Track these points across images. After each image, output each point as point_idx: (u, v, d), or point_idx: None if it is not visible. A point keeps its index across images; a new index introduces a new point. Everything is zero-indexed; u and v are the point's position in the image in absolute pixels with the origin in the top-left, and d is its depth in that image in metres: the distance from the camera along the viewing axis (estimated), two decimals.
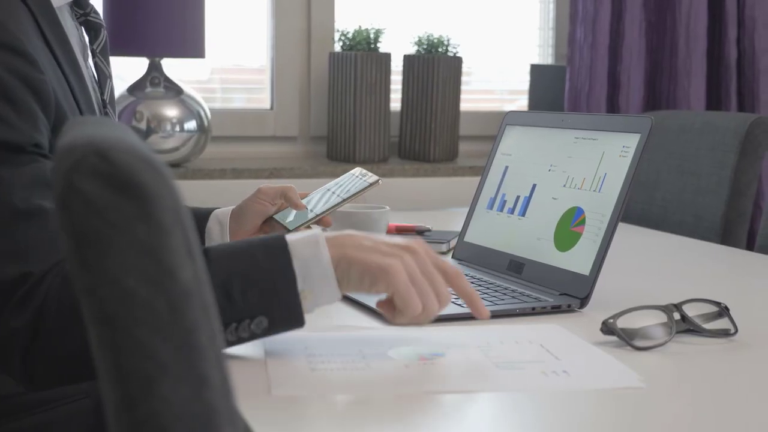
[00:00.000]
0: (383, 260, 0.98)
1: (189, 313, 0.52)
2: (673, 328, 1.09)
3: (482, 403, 0.91)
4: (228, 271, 0.96)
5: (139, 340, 0.51)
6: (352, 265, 0.98)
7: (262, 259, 0.98)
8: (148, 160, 0.52)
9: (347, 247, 0.99)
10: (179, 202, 0.54)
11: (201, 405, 0.53)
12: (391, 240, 1.02)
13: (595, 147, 1.35)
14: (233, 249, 1.01)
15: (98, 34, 1.37)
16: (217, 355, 0.54)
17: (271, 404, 0.87)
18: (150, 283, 0.51)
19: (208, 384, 0.53)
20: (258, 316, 0.97)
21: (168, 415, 0.52)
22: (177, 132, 2.43)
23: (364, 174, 1.53)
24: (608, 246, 1.27)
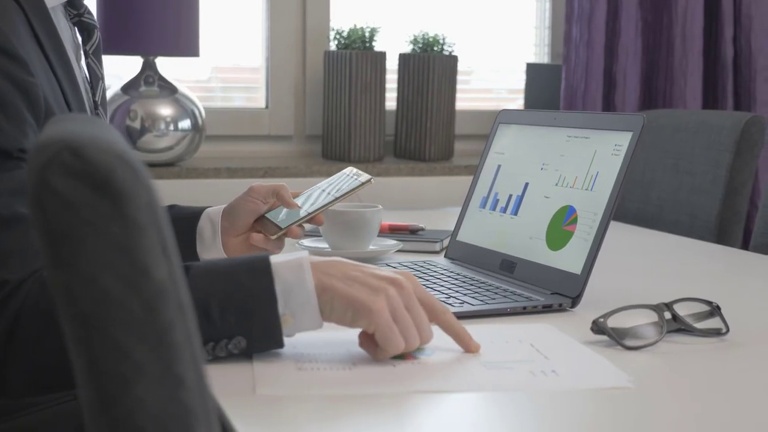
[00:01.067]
0: (367, 297, 0.96)
1: (164, 312, 0.52)
2: (663, 328, 1.09)
3: (469, 403, 0.91)
4: (207, 290, 0.95)
5: (113, 340, 0.51)
6: (335, 298, 0.97)
7: (244, 280, 0.97)
8: (123, 157, 0.52)
9: (333, 277, 0.98)
10: (155, 200, 0.53)
11: (176, 405, 0.52)
12: (379, 272, 1.00)
13: (588, 145, 1.34)
14: (215, 267, 0.99)
15: (91, 35, 1.36)
16: (194, 355, 0.53)
17: (255, 404, 0.86)
18: (124, 282, 0.51)
19: (184, 384, 0.52)
20: (236, 336, 0.96)
21: (143, 416, 0.51)
22: (171, 131, 2.42)
23: (357, 173, 1.52)
24: (600, 245, 1.26)
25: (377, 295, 0.96)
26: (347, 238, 1.54)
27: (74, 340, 0.52)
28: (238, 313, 0.95)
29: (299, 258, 0.98)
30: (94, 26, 1.36)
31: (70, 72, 1.26)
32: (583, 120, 1.38)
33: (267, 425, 0.83)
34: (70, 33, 1.35)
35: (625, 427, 0.86)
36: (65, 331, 0.54)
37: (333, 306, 0.97)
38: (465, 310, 1.20)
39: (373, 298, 0.96)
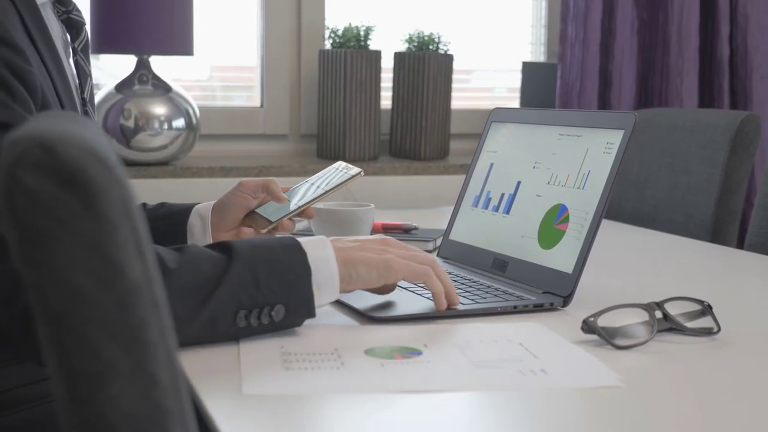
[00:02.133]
0: (382, 257, 1.13)
1: (138, 310, 0.51)
2: (654, 327, 1.08)
3: (458, 403, 0.90)
4: (256, 260, 1.04)
5: (86, 338, 0.50)
6: (358, 265, 1.11)
7: (282, 254, 1.06)
8: (95, 153, 0.51)
9: (347, 249, 1.12)
10: (129, 197, 0.52)
11: (150, 404, 0.51)
12: (369, 238, 1.17)
13: (580, 144, 1.34)
14: (254, 243, 1.08)
15: (80, 33, 1.36)
16: (169, 354, 0.53)
17: (242, 403, 0.86)
18: (97, 279, 0.50)
19: (158, 383, 0.51)
20: (278, 304, 1.04)
21: (116, 415, 0.50)
22: (165, 130, 2.41)
23: (347, 167, 1.52)
24: (591, 244, 1.25)
25: (386, 253, 1.14)
26: (340, 236, 1.53)
27: (46, 338, 0.51)
28: (281, 282, 1.04)
29: (320, 237, 1.12)
30: (83, 23, 1.36)
31: (60, 68, 1.26)
32: (576, 118, 1.37)
33: (253, 425, 0.82)
34: (60, 30, 1.34)
35: (613, 426, 0.85)
36: (39, 329, 0.53)
37: (358, 272, 1.11)
38: (456, 309, 1.19)
39: (385, 257, 1.13)
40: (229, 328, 1.02)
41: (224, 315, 1.01)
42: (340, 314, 1.18)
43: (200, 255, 1.03)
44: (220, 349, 1.02)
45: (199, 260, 1.02)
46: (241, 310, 1.02)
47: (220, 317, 1.01)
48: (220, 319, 1.01)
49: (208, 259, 1.03)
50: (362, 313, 1.16)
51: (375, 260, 1.12)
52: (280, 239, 1.10)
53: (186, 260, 1.01)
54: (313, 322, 1.14)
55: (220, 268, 1.02)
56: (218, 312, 1.01)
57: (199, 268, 1.01)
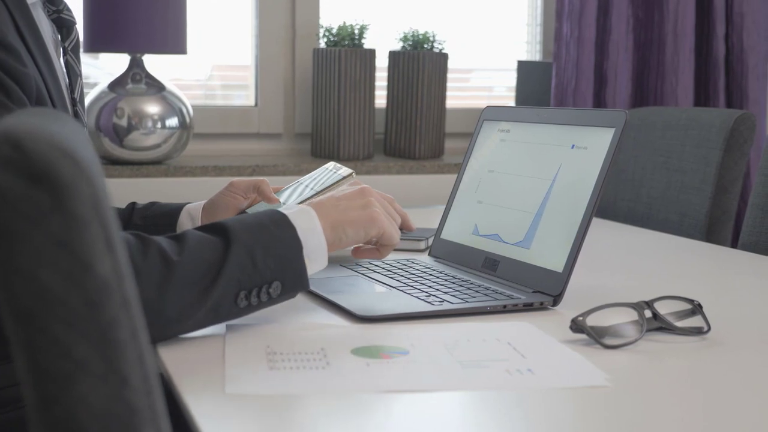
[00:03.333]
0: (366, 212, 1.18)
1: (107, 308, 0.50)
2: (644, 326, 1.07)
3: (445, 402, 0.89)
4: (251, 240, 1.05)
5: (54, 337, 0.49)
6: (346, 227, 1.15)
7: (273, 230, 1.08)
8: (65, 150, 0.50)
9: (331, 213, 1.15)
10: (99, 194, 0.51)
11: (120, 404, 0.50)
12: (348, 192, 1.20)
13: (570, 141, 1.33)
14: (246, 221, 1.09)
15: (70, 32, 1.35)
16: (140, 353, 0.52)
17: (224, 403, 0.85)
18: (65, 277, 0.49)
19: (128, 382, 0.51)
20: (275, 281, 1.06)
21: (86, 415, 0.50)
22: (158, 129, 2.40)
23: (337, 167, 1.51)
24: (582, 242, 1.24)
25: (370, 207, 1.18)
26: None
27: (14, 336, 0.50)
28: (276, 259, 1.06)
29: (304, 207, 1.13)
30: (73, 23, 1.35)
31: (51, 68, 1.25)
32: (566, 116, 1.37)
33: (235, 425, 0.81)
34: (50, 29, 1.33)
35: (598, 426, 0.85)
36: (6, 326, 0.52)
37: (346, 233, 1.16)
38: (444, 308, 1.18)
39: (369, 211, 1.18)
40: (231, 309, 1.04)
41: (227, 298, 1.03)
42: (328, 313, 1.18)
43: (200, 242, 1.04)
44: (205, 348, 1.01)
45: (200, 247, 1.03)
46: (241, 291, 1.04)
47: (224, 301, 1.03)
48: (223, 303, 1.03)
49: (207, 246, 1.04)
50: (350, 313, 1.16)
51: (361, 218, 1.17)
52: (268, 215, 1.10)
53: (188, 250, 1.02)
54: (301, 321, 1.13)
55: (220, 253, 1.03)
56: (222, 296, 1.03)
57: (201, 256, 1.02)
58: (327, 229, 1.13)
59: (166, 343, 1.02)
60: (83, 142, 0.59)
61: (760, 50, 2.81)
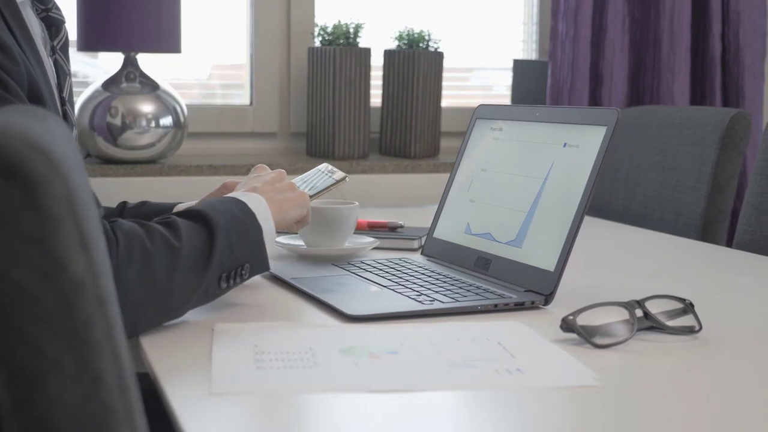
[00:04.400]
0: (296, 193, 1.29)
1: (81, 306, 0.50)
2: (634, 326, 1.07)
3: (433, 402, 0.88)
4: (228, 226, 1.12)
5: (27, 336, 0.48)
6: (288, 208, 1.26)
7: (239, 214, 1.15)
8: (38, 147, 0.49)
9: (275, 196, 1.24)
10: (73, 191, 0.51)
11: (95, 404, 0.50)
12: (272, 175, 1.31)
13: (562, 140, 1.32)
14: (218, 208, 1.14)
15: (59, 31, 1.34)
16: (115, 352, 0.51)
17: (208, 402, 0.84)
18: (38, 275, 0.48)
19: (103, 382, 0.50)
20: (246, 263, 1.14)
21: (60, 415, 0.49)
22: (152, 128, 2.39)
23: (332, 170, 1.50)
24: (573, 241, 1.24)
25: (294, 188, 1.30)
26: (323, 234, 1.52)
27: None
28: (246, 243, 1.14)
29: (253, 195, 1.22)
30: (62, 22, 1.34)
31: (41, 66, 1.24)
32: (558, 114, 1.36)
33: (218, 425, 0.81)
34: (39, 28, 1.33)
35: (586, 426, 0.84)
36: None
37: (289, 214, 1.26)
38: (435, 308, 1.18)
39: (298, 192, 1.30)
40: (216, 291, 1.11)
41: (214, 281, 1.10)
42: (318, 313, 1.17)
43: (189, 228, 1.09)
44: (192, 347, 1.01)
45: (192, 234, 1.08)
46: (223, 273, 1.11)
47: (211, 284, 1.10)
48: (211, 286, 1.10)
49: (196, 232, 1.09)
50: (340, 312, 1.15)
51: (296, 199, 1.28)
52: (231, 202, 1.18)
53: (182, 235, 1.07)
54: (290, 320, 1.13)
55: (207, 238, 1.09)
56: (211, 280, 1.09)
57: (193, 242, 1.08)
58: (274, 211, 1.21)
59: (152, 341, 1.02)
60: (62, 139, 0.59)
61: (757, 48, 2.81)
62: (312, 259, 1.48)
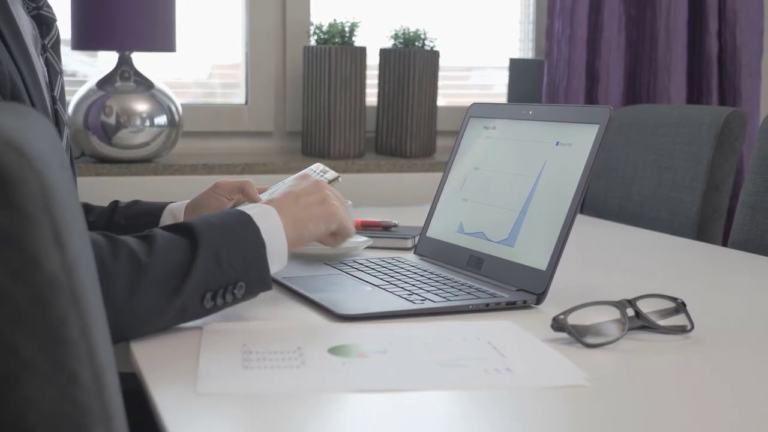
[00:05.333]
0: (324, 207, 1.19)
1: (56, 305, 0.49)
2: (626, 325, 1.06)
3: (421, 402, 0.87)
4: (217, 241, 1.05)
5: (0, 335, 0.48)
6: (308, 223, 1.17)
7: (238, 230, 1.08)
8: (11, 143, 0.48)
9: (293, 211, 1.15)
10: (48, 188, 0.50)
11: (70, 404, 0.49)
12: (303, 188, 1.20)
13: (555, 138, 1.31)
14: (211, 221, 1.08)
15: (50, 29, 1.33)
16: (91, 351, 0.50)
17: (193, 402, 0.83)
18: (10, 273, 0.48)
19: (78, 382, 0.49)
20: (239, 281, 1.06)
21: (33, 416, 0.48)
22: (147, 127, 2.39)
23: (324, 170, 1.49)
24: (565, 240, 1.23)
25: (327, 201, 1.20)
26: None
27: None
28: (240, 260, 1.06)
29: (266, 207, 1.14)
30: (53, 19, 1.33)
31: (30, 64, 1.24)
32: (551, 113, 1.35)
33: (202, 425, 0.80)
34: (30, 26, 1.32)
35: (575, 426, 0.83)
36: None
37: (309, 230, 1.17)
38: (426, 307, 1.17)
39: (327, 206, 1.19)
40: (198, 310, 1.04)
41: (194, 299, 1.03)
42: (308, 312, 1.17)
43: (168, 242, 1.03)
44: (180, 346, 1.00)
45: (169, 248, 1.03)
46: (207, 292, 1.04)
47: (191, 302, 1.03)
48: (190, 304, 1.03)
49: (175, 247, 1.03)
50: (330, 311, 1.14)
51: (321, 213, 1.18)
52: (233, 215, 1.11)
53: (157, 251, 1.01)
54: (280, 319, 1.12)
55: (188, 255, 1.03)
56: (189, 298, 1.03)
57: (170, 257, 1.02)
58: (288, 227, 1.13)
59: (140, 341, 1.01)
60: (42, 136, 0.58)
61: (754, 47, 2.80)
62: (304, 259, 1.48)
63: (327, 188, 1.22)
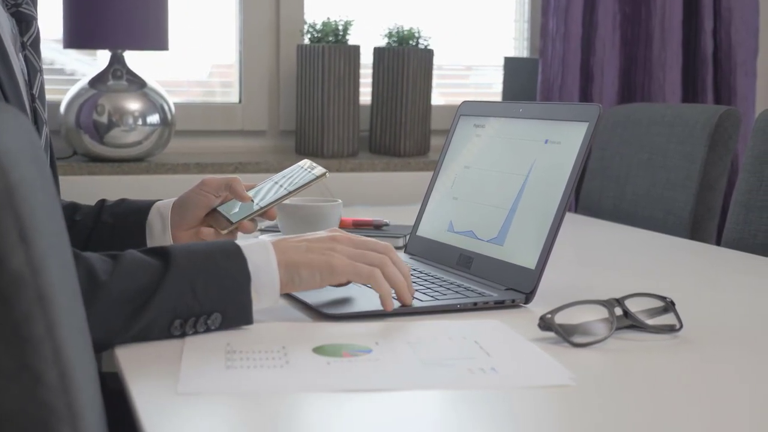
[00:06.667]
0: (325, 258, 1.10)
1: (19, 303, 0.48)
2: (613, 324, 1.05)
3: (403, 401, 0.86)
4: (193, 268, 1.02)
5: None
6: (301, 268, 1.08)
7: (221, 261, 1.04)
8: None
9: (290, 251, 1.09)
10: (13, 184, 0.49)
11: (34, 404, 0.48)
12: (317, 236, 1.14)
13: (544, 136, 1.31)
14: (193, 248, 1.05)
15: (29, 26, 1.32)
16: (56, 350, 0.50)
17: (173, 402, 0.82)
18: None
19: (43, 381, 0.48)
20: (215, 312, 1.02)
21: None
22: (139, 125, 2.38)
23: (311, 166, 1.48)
24: (554, 239, 1.22)
25: (329, 252, 1.10)
26: (306, 232, 1.50)
27: None
28: (218, 290, 1.02)
29: (263, 241, 1.09)
30: (33, 17, 1.32)
31: (6, 62, 1.22)
32: (540, 111, 1.34)
33: (183, 426, 0.79)
34: (9, 23, 1.31)
35: (559, 426, 0.82)
36: None
37: (300, 276, 1.08)
38: (414, 306, 1.16)
39: (328, 257, 1.10)
40: (163, 336, 1.00)
41: (158, 325, 0.99)
42: (293, 310, 1.16)
43: (135, 263, 1.00)
44: (164, 346, 0.99)
45: (134, 269, 0.99)
46: (176, 319, 1.00)
47: (154, 327, 0.99)
48: (154, 330, 0.99)
49: (142, 268, 1.00)
50: (315, 310, 1.13)
51: (318, 262, 1.09)
52: (220, 244, 1.07)
53: (119, 270, 0.98)
54: (264, 318, 1.11)
55: (155, 277, 0.99)
56: (153, 323, 0.99)
57: (133, 279, 0.99)
58: (281, 266, 1.07)
59: None
60: (13, 132, 0.57)
61: (749, 46, 2.79)
62: None
63: (347, 241, 1.13)
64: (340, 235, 1.14)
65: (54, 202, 0.64)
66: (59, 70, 2.70)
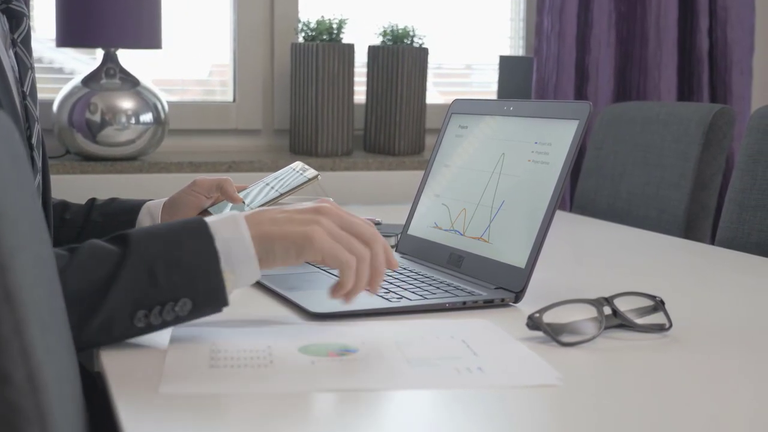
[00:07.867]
0: (303, 230, 0.99)
1: None
2: (602, 323, 1.04)
3: (391, 401, 0.86)
4: (151, 253, 0.95)
5: None
6: (275, 241, 0.99)
7: (185, 240, 0.96)
8: None
9: (265, 224, 1.00)
10: None
11: (0, 405, 0.47)
12: (301, 206, 1.04)
13: (534, 135, 1.30)
14: (155, 231, 0.99)
15: (20, 23, 1.31)
16: (23, 350, 0.49)
17: (154, 403, 0.81)
18: None
19: (9, 381, 0.48)
20: (182, 298, 0.95)
21: None
22: (132, 124, 2.37)
23: (304, 168, 1.48)
24: (544, 238, 1.21)
25: (311, 224, 1.00)
26: None
27: None
28: (183, 274, 0.95)
29: (232, 214, 1.00)
30: (23, 14, 1.31)
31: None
32: (531, 109, 1.34)
33: (164, 427, 0.78)
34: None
35: (545, 426, 0.82)
36: None
37: (274, 250, 0.99)
38: (402, 305, 1.15)
39: (308, 228, 0.99)
40: (129, 329, 0.95)
41: (120, 318, 0.93)
42: (282, 310, 1.15)
43: (92, 256, 0.94)
44: (148, 346, 0.98)
45: (89, 263, 0.94)
46: (139, 310, 0.94)
47: (116, 321, 0.93)
48: (115, 323, 0.93)
49: (100, 260, 0.94)
50: (304, 309, 1.13)
51: (294, 234, 0.99)
52: (185, 222, 1.00)
53: (74, 266, 0.93)
54: (251, 318, 1.10)
55: (111, 268, 0.93)
56: (112, 316, 0.93)
57: (88, 271, 0.93)
58: (255, 240, 0.98)
59: None
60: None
61: (744, 44, 2.78)
62: None
63: (335, 214, 1.03)
64: (327, 207, 1.03)
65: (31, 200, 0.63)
66: (58, 69, 2.70)
